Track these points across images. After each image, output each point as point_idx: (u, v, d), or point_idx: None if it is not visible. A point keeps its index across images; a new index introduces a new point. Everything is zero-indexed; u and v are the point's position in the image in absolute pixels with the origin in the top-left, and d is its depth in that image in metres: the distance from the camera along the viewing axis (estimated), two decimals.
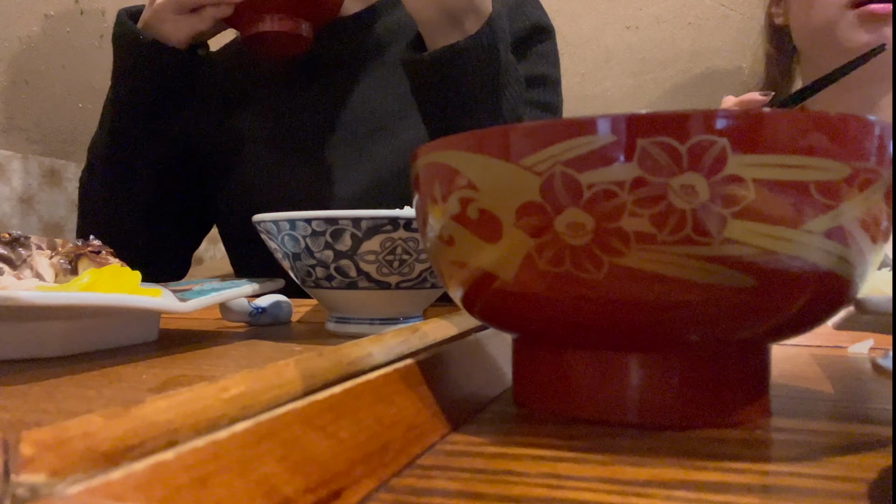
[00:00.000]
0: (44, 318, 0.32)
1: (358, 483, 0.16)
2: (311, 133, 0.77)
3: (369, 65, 0.78)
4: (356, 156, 0.75)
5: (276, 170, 0.77)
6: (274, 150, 0.78)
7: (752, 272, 0.19)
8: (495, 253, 0.21)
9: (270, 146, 0.79)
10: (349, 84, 0.77)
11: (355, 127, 0.76)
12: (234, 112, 0.83)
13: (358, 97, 0.77)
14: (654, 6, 1.25)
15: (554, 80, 0.78)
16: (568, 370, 0.23)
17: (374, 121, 0.75)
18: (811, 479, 0.17)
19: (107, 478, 0.11)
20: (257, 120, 0.81)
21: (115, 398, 0.24)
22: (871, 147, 0.19)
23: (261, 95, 0.82)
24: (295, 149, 0.77)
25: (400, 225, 0.38)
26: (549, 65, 0.78)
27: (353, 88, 0.77)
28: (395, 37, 0.78)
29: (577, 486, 0.17)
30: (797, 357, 0.37)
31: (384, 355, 0.23)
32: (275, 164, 0.78)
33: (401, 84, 0.74)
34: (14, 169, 1.02)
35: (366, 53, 0.78)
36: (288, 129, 0.78)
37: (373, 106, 0.76)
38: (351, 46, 0.79)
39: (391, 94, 0.76)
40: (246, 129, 0.81)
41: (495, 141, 0.20)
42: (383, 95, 0.76)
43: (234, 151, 0.81)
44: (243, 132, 0.81)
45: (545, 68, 0.77)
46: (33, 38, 1.05)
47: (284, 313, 0.49)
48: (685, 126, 0.18)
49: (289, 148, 0.78)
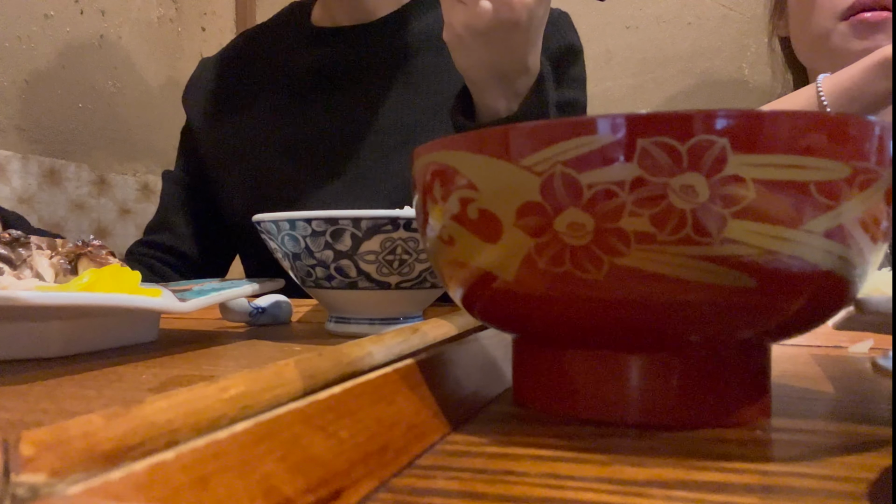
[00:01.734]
0: (44, 318, 0.32)
1: (358, 483, 0.16)
2: (334, 142, 0.74)
3: (397, 73, 0.75)
4: (383, 169, 0.72)
5: (292, 180, 0.74)
6: (289, 159, 0.75)
7: (752, 272, 0.19)
8: (495, 253, 0.21)
9: (284, 154, 0.76)
10: (376, 92, 0.75)
11: (382, 138, 0.73)
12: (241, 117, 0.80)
13: (386, 107, 0.74)
14: (654, 6, 1.25)
15: (583, 106, 0.76)
16: (568, 370, 0.23)
17: (402, 133, 0.73)
18: (811, 479, 0.17)
19: (107, 478, 0.11)
20: (269, 126, 0.78)
21: (115, 398, 0.24)
22: (871, 147, 0.19)
23: (275, 100, 0.78)
24: (314, 159, 0.74)
25: (400, 225, 0.38)
26: (579, 89, 0.76)
27: (380, 97, 0.74)
28: (424, 44, 0.75)
29: (577, 486, 0.17)
30: (797, 357, 0.37)
31: (384, 355, 0.23)
32: (291, 173, 0.75)
33: (430, 94, 0.72)
34: (14, 169, 1.02)
35: (394, 60, 0.75)
36: (306, 136, 0.75)
37: (401, 117, 0.73)
38: (379, 52, 0.76)
39: (420, 104, 0.73)
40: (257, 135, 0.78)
41: (495, 141, 0.20)
42: (412, 106, 0.73)
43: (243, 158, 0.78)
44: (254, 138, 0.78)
45: (576, 93, 0.75)
46: (33, 38, 1.05)
47: (284, 313, 0.49)
48: (685, 126, 0.18)
49: (307, 157, 0.75)
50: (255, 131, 0.78)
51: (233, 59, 0.86)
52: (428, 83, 0.73)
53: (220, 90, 0.84)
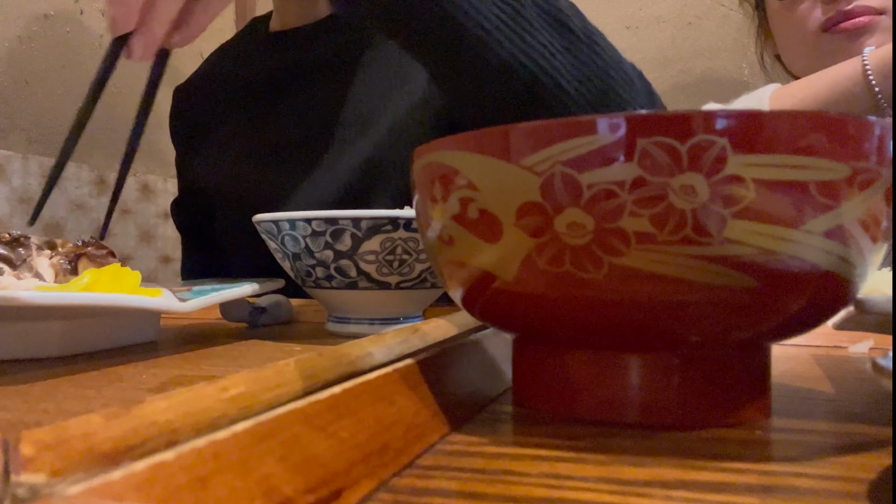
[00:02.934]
0: (44, 318, 0.32)
1: (358, 483, 0.16)
2: (297, 141, 0.76)
3: (351, 65, 0.76)
4: (338, 157, 0.74)
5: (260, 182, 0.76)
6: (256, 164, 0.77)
7: (752, 272, 0.19)
8: (495, 253, 0.21)
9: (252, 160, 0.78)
10: (333, 86, 0.76)
11: (341, 130, 0.74)
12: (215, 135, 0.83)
13: (343, 99, 0.75)
14: (654, 6, 1.25)
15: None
16: (568, 370, 0.23)
17: (359, 121, 0.74)
18: (811, 479, 0.17)
19: (107, 478, 0.11)
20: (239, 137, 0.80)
21: (115, 398, 0.24)
22: (871, 147, 0.19)
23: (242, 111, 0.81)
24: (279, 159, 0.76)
25: (400, 225, 0.38)
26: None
27: (337, 90, 0.76)
28: (372, 32, 0.76)
29: (577, 486, 0.17)
30: (797, 357, 0.37)
31: (384, 355, 0.23)
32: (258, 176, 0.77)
33: (381, 80, 0.73)
34: (14, 169, 1.02)
35: (348, 53, 0.77)
36: (270, 140, 0.77)
37: (357, 106, 0.74)
38: (331, 47, 0.77)
39: (375, 90, 0.74)
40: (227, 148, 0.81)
41: (495, 141, 0.20)
42: (367, 94, 0.74)
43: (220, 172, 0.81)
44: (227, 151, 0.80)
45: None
46: (33, 38, 1.05)
47: (284, 313, 0.49)
48: (685, 126, 0.18)
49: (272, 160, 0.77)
50: (227, 145, 0.81)
51: (202, 82, 0.89)
52: (379, 69, 0.74)
53: (194, 115, 0.87)
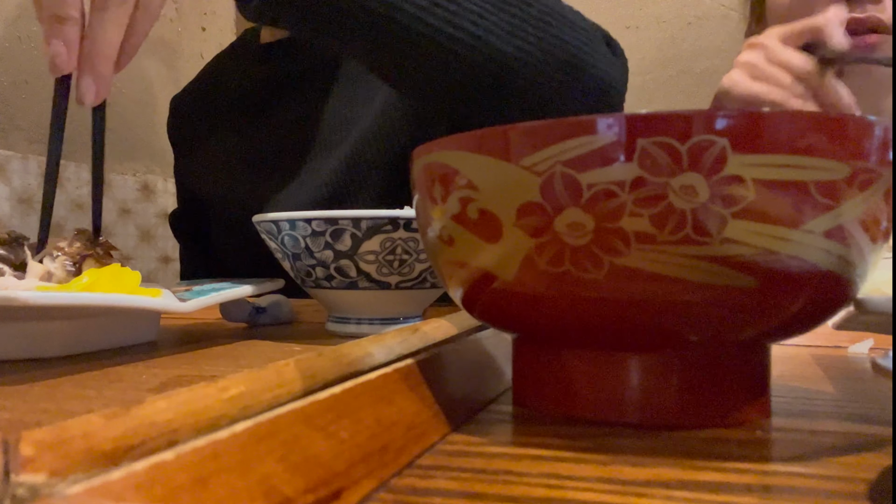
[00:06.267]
0: (44, 318, 0.32)
1: (358, 483, 0.16)
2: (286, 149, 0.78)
3: (336, 72, 0.78)
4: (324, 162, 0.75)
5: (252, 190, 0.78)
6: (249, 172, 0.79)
7: (752, 272, 0.19)
8: (495, 253, 0.21)
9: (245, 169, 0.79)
10: (319, 95, 0.77)
11: (327, 135, 0.76)
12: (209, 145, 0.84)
13: (329, 105, 0.77)
14: (654, 6, 1.25)
15: None
16: (568, 370, 0.23)
17: (344, 126, 0.75)
18: (811, 479, 0.17)
19: (107, 478, 0.11)
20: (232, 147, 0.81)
21: (115, 398, 0.24)
22: (871, 147, 0.19)
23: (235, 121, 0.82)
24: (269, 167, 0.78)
25: (400, 225, 0.38)
26: None
27: (323, 98, 0.77)
28: None
29: (577, 486, 0.17)
30: (797, 357, 0.37)
31: (384, 355, 0.23)
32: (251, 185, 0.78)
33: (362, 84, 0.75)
34: (14, 169, 1.02)
35: (333, 61, 0.78)
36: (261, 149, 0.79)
37: (342, 112, 0.76)
38: (318, 56, 0.78)
39: (358, 97, 0.76)
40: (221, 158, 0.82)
41: (495, 141, 0.20)
42: (350, 100, 0.76)
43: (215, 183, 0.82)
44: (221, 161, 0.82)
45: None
46: (33, 38, 1.05)
47: (284, 313, 0.49)
48: (685, 126, 0.18)
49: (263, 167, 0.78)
50: (221, 154, 0.82)
51: (197, 92, 0.91)
52: (361, 75, 0.75)
53: (190, 125, 0.89)
